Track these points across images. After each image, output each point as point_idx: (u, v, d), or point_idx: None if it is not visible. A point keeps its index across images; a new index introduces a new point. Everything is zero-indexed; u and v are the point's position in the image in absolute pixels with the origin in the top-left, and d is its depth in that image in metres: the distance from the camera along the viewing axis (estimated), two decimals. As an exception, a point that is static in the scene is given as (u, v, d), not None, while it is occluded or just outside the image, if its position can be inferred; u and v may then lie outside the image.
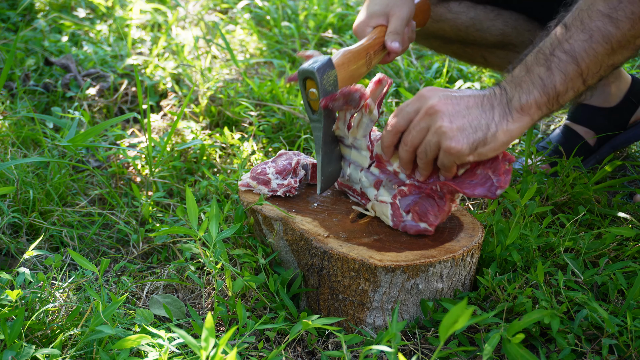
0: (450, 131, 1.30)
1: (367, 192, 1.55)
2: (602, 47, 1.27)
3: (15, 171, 1.84)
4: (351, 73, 1.54)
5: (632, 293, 1.36)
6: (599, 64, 1.29)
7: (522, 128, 1.32)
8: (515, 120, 1.31)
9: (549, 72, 1.30)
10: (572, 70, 1.29)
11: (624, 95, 2.05)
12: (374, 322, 1.41)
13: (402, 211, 1.46)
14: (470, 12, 1.99)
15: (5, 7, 3.18)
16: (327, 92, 1.46)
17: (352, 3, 3.65)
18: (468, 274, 1.45)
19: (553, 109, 1.33)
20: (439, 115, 1.32)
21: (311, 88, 1.45)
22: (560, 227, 1.72)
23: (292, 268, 1.49)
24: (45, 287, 1.40)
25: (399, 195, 1.47)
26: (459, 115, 1.31)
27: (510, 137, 1.32)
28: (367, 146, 1.53)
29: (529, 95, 1.30)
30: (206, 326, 1.07)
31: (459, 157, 1.32)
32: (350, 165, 1.57)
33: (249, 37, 3.25)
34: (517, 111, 1.31)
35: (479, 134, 1.30)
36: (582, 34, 1.28)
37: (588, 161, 2.08)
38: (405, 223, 1.46)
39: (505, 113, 1.31)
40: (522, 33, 2.00)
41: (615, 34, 1.26)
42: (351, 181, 1.59)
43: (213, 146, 2.18)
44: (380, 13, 1.63)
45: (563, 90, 1.30)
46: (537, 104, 1.31)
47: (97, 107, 2.48)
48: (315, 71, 1.41)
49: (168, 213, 1.88)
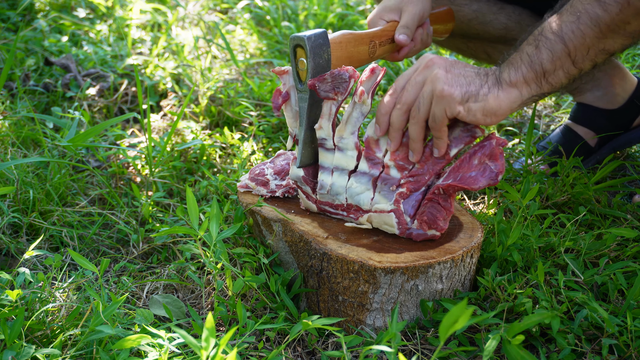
0: (445, 77, 1.34)
1: (360, 200, 1.45)
2: (590, 29, 1.32)
3: (15, 171, 1.84)
4: (349, 54, 1.51)
5: (632, 293, 1.36)
6: (587, 46, 1.33)
7: (510, 100, 1.36)
8: (505, 91, 1.36)
9: (536, 50, 1.35)
10: (560, 50, 1.34)
11: (629, 97, 2.04)
12: (374, 323, 1.41)
13: (406, 216, 1.41)
14: (473, 4, 1.99)
15: (5, 7, 3.18)
16: (318, 65, 1.43)
17: (352, 3, 3.65)
18: (468, 275, 1.45)
19: (543, 89, 1.37)
20: (435, 66, 1.37)
21: (301, 57, 1.43)
22: (561, 227, 1.72)
23: (292, 269, 1.48)
24: (45, 287, 1.40)
25: (400, 198, 1.42)
26: (455, 68, 1.37)
27: (499, 105, 1.35)
28: (355, 144, 1.46)
29: (517, 71, 1.36)
30: (207, 326, 1.07)
31: (450, 103, 1.34)
32: (334, 173, 1.49)
33: (249, 37, 3.25)
34: (506, 83, 1.36)
35: (472, 87, 1.35)
36: (571, 16, 1.34)
37: (588, 161, 2.08)
38: (411, 230, 1.42)
39: (496, 82, 1.37)
40: (525, 28, 2.00)
41: (603, 16, 1.31)
42: (333, 193, 1.48)
43: (213, 146, 2.18)
44: (394, 7, 1.65)
45: (551, 68, 1.35)
46: (524, 79, 1.35)
47: (97, 107, 2.48)
48: (306, 39, 1.40)
49: (168, 213, 1.88)
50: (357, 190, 1.46)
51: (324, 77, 1.43)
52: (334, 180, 1.48)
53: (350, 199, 1.46)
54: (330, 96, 1.45)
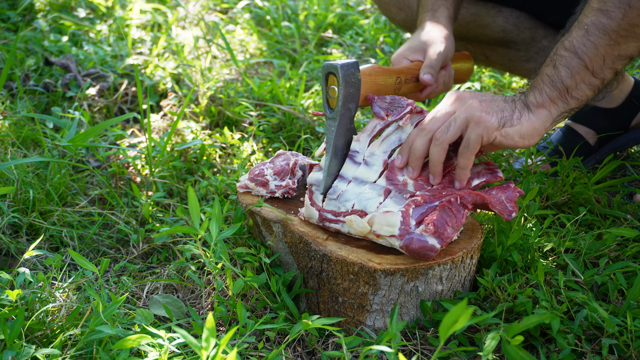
0: (480, 105, 1.39)
1: (368, 204, 1.40)
2: (600, 39, 1.35)
3: (15, 171, 1.84)
4: (377, 87, 1.55)
5: (632, 293, 1.36)
6: (602, 56, 1.36)
7: (542, 121, 1.41)
8: (535, 113, 1.41)
9: (554, 69, 1.40)
10: (576, 64, 1.37)
11: (626, 97, 2.06)
12: (374, 324, 1.41)
13: (412, 220, 1.34)
14: (471, 7, 2.00)
15: (5, 7, 3.18)
16: (349, 94, 1.47)
17: (352, 3, 3.65)
18: (468, 275, 1.45)
19: (571, 104, 1.41)
20: (467, 98, 1.42)
21: (332, 85, 1.46)
22: (561, 227, 1.72)
23: (293, 269, 1.48)
24: (45, 287, 1.40)
25: (412, 204, 1.37)
26: (486, 99, 1.41)
27: (533, 128, 1.40)
28: (384, 161, 1.48)
29: (541, 93, 1.41)
30: (207, 326, 1.07)
31: (488, 129, 1.37)
32: (351, 182, 1.47)
33: (249, 37, 3.25)
34: (534, 106, 1.41)
35: (506, 114, 1.40)
36: (580, 31, 1.37)
37: (588, 161, 2.08)
38: (412, 236, 1.32)
39: (524, 106, 1.41)
40: (523, 31, 2.01)
41: (609, 24, 1.34)
42: (342, 199, 1.44)
43: (213, 146, 2.18)
44: (418, 48, 1.70)
45: (572, 84, 1.39)
46: (550, 99, 1.40)
47: (97, 107, 2.48)
48: (340, 67, 1.43)
49: (168, 213, 1.88)
50: (367, 196, 1.43)
51: (384, 97, 1.52)
52: (349, 187, 1.46)
53: (358, 204, 1.42)
54: (381, 114, 1.51)
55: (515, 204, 1.39)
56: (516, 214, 1.39)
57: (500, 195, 1.40)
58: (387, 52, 3.04)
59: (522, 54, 2.07)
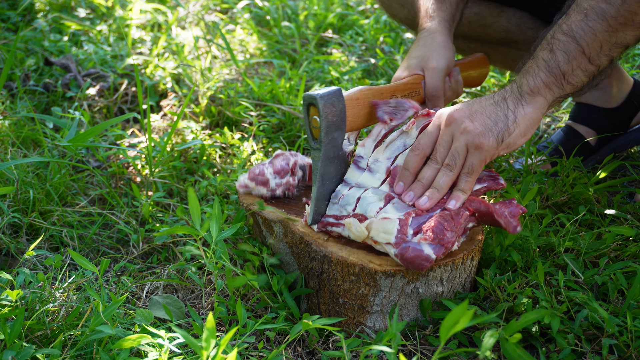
0: (475, 129, 1.36)
1: (369, 208, 1.40)
2: (599, 24, 1.33)
3: (15, 171, 1.84)
4: (368, 111, 1.50)
5: (632, 293, 1.36)
6: (600, 42, 1.34)
7: (538, 109, 1.38)
8: (529, 103, 1.38)
9: (551, 53, 1.37)
10: (574, 49, 1.35)
11: (626, 97, 2.06)
12: (374, 325, 1.41)
13: (410, 229, 1.33)
14: (474, 7, 2.00)
15: (5, 7, 3.18)
16: (331, 123, 1.41)
17: (352, 3, 3.65)
18: (468, 277, 1.45)
19: (566, 90, 1.39)
20: (459, 121, 1.38)
21: (314, 115, 1.42)
22: (560, 227, 1.72)
23: (296, 272, 1.48)
24: (45, 287, 1.40)
25: (413, 213, 1.36)
26: (476, 114, 1.38)
27: (531, 120, 1.38)
28: (387, 169, 1.46)
29: (535, 78, 1.37)
30: (207, 326, 1.07)
31: (489, 151, 1.36)
32: (352, 188, 1.46)
33: (249, 37, 3.25)
34: (528, 94, 1.38)
35: (500, 125, 1.36)
36: (578, 15, 1.35)
37: (588, 161, 2.08)
38: (408, 244, 1.30)
39: (517, 99, 1.38)
40: (525, 31, 2.01)
41: (609, 9, 1.32)
42: (343, 203, 1.44)
43: (213, 146, 2.18)
44: (416, 66, 1.65)
45: (569, 69, 1.36)
46: (545, 85, 1.37)
47: (97, 107, 2.48)
48: (318, 98, 1.38)
49: (168, 213, 1.88)
50: (369, 200, 1.42)
51: (389, 101, 1.49)
52: (350, 192, 1.45)
53: (359, 207, 1.41)
54: (384, 118, 1.50)
55: (518, 220, 1.36)
56: (521, 229, 1.37)
57: (503, 210, 1.37)
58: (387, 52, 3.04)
59: (524, 53, 2.07)
